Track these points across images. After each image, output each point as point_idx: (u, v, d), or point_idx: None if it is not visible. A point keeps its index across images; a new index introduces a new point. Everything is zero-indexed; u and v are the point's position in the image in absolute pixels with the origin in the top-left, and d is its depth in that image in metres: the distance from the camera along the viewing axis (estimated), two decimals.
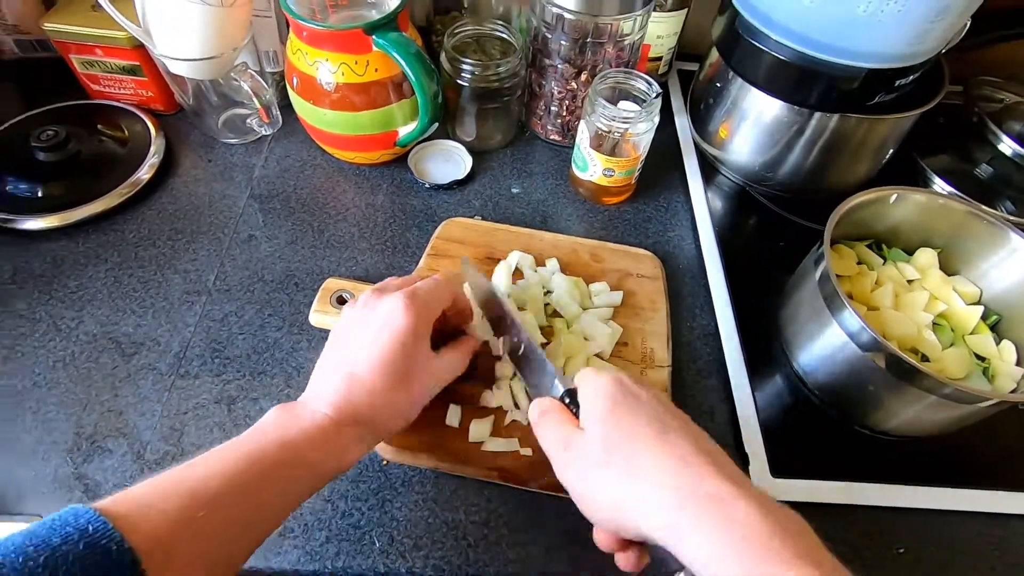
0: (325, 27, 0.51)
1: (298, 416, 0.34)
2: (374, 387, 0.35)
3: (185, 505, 0.28)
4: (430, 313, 0.38)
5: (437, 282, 0.40)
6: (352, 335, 0.38)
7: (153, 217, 0.57)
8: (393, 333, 0.36)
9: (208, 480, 0.29)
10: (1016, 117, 0.62)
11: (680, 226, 0.61)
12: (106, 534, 0.24)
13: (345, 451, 0.35)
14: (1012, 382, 0.45)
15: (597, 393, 0.33)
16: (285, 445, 0.32)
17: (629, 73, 0.56)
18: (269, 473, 0.31)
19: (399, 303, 0.37)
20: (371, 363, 0.36)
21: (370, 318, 0.37)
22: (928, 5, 0.43)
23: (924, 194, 0.50)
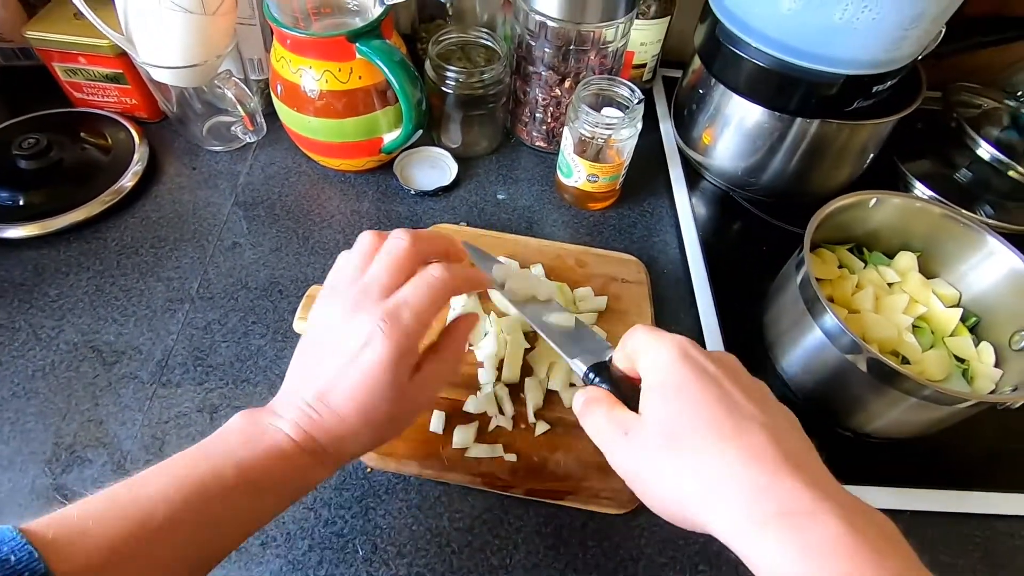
0: (308, 35, 0.51)
1: (262, 433, 0.31)
2: (346, 421, 0.32)
3: (128, 533, 0.25)
4: (414, 333, 0.33)
5: (430, 288, 0.33)
6: (323, 350, 0.33)
7: (136, 225, 0.57)
8: (369, 366, 0.31)
9: (156, 504, 0.27)
10: (994, 122, 0.63)
11: (664, 231, 0.62)
12: (29, 565, 0.22)
13: (306, 476, 0.32)
14: (991, 383, 0.45)
15: (659, 365, 0.29)
16: (243, 468, 0.29)
17: (612, 80, 0.56)
18: (224, 498, 0.28)
19: (377, 331, 0.31)
20: (342, 394, 0.32)
21: (344, 340, 0.32)
22: (902, 13, 0.44)
23: (902, 198, 0.51)
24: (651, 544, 0.42)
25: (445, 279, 0.34)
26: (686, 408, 0.28)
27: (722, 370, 0.29)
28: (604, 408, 0.31)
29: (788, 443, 0.26)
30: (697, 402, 0.28)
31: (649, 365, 0.30)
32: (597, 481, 0.42)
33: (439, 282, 0.34)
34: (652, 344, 0.30)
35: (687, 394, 0.28)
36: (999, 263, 0.47)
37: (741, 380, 0.29)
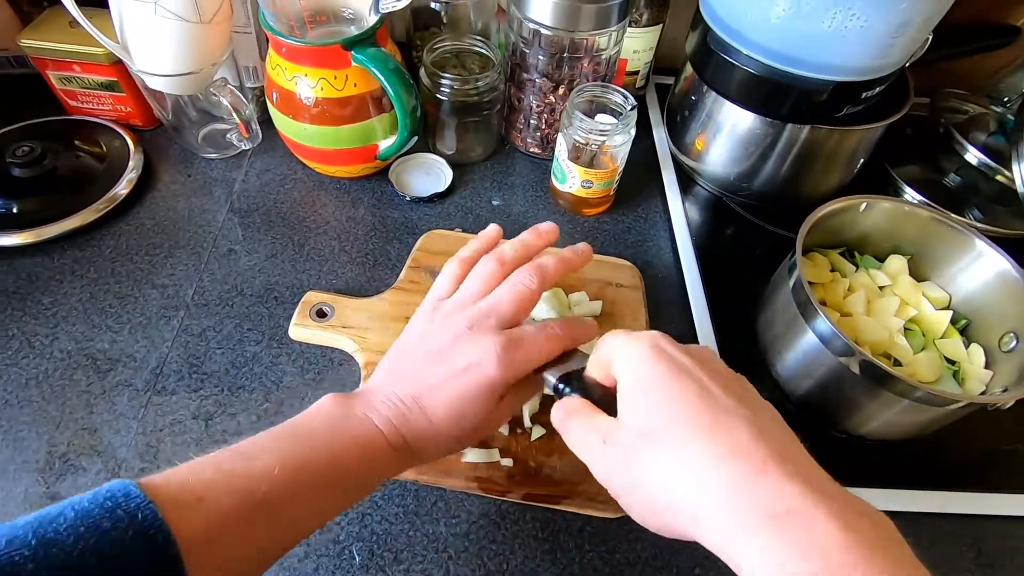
0: (304, 43, 0.51)
1: (351, 420, 0.32)
2: (435, 425, 0.33)
3: (236, 505, 0.26)
4: (520, 372, 0.33)
5: (548, 340, 0.34)
6: (433, 358, 0.34)
7: (131, 232, 0.56)
8: (474, 383, 0.32)
9: (259, 481, 0.27)
10: (981, 128, 0.64)
11: (658, 236, 0.62)
12: (154, 525, 0.23)
13: (386, 470, 0.33)
14: (981, 384, 0.46)
15: (631, 363, 0.28)
16: (334, 455, 0.30)
17: (606, 87, 0.57)
18: (315, 483, 0.29)
19: (492, 352, 0.32)
20: (439, 401, 0.33)
21: (459, 352, 0.33)
22: (889, 21, 0.45)
23: (892, 202, 0.51)
24: (648, 548, 0.42)
25: (562, 337, 0.35)
26: (663, 403, 0.26)
27: (697, 363, 0.28)
28: (583, 418, 0.30)
29: (773, 437, 0.25)
30: (673, 396, 0.26)
31: (622, 365, 0.29)
32: (593, 485, 0.42)
33: (557, 339, 0.35)
34: (623, 344, 0.29)
35: (662, 388, 0.27)
36: (987, 266, 0.48)
37: (719, 373, 0.28)
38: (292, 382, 0.48)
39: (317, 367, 0.49)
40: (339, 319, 0.50)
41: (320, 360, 0.49)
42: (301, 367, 0.49)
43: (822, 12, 0.45)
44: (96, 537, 0.22)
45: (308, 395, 0.47)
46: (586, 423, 0.30)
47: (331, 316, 0.50)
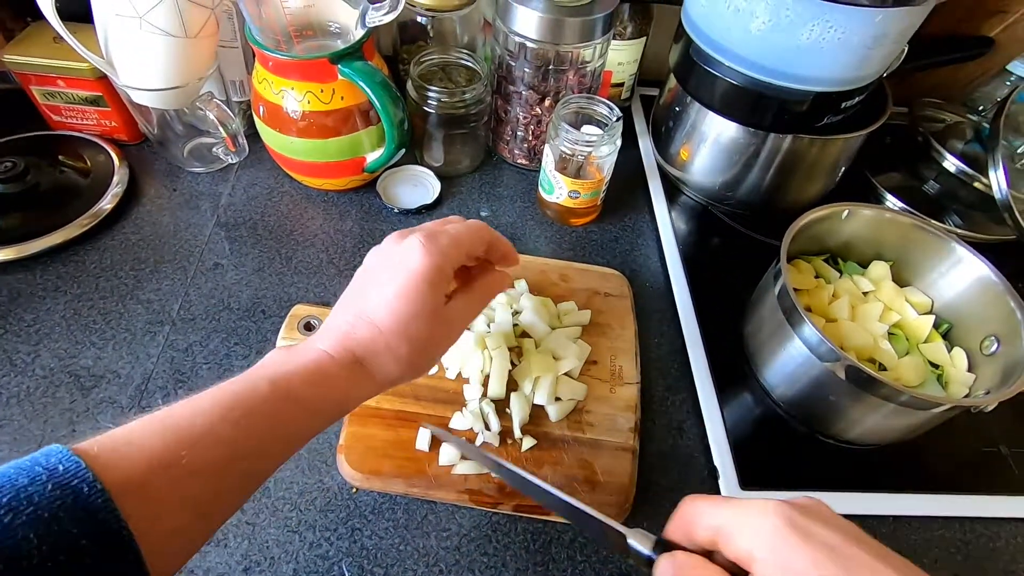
0: (291, 57, 0.51)
1: (296, 352, 0.32)
2: (379, 327, 0.33)
3: (167, 443, 0.26)
4: (450, 258, 0.35)
5: (467, 224, 0.37)
6: (366, 277, 0.36)
7: (116, 247, 0.56)
8: (407, 275, 0.33)
9: (194, 418, 0.27)
10: (958, 136, 0.66)
11: (646, 245, 0.63)
12: (77, 474, 0.22)
13: (343, 390, 0.32)
14: (964, 388, 0.47)
15: (767, 542, 0.24)
16: (276, 382, 0.30)
17: (591, 98, 0.58)
18: (258, 410, 0.29)
19: (416, 244, 0.34)
20: (379, 303, 0.34)
21: (386, 260, 0.35)
22: (865, 33, 0.46)
23: (874, 209, 0.52)
24: None
25: (483, 226, 0.38)
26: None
27: (837, 534, 0.25)
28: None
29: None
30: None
31: (754, 546, 0.25)
32: (584, 495, 0.42)
33: (477, 225, 0.38)
34: (743, 520, 0.26)
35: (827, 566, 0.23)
36: (967, 271, 0.49)
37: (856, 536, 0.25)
38: None
39: None
40: None
41: None
42: None
43: (800, 25, 0.46)
44: (11, 495, 0.21)
45: None
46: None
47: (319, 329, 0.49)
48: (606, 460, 0.44)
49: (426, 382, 0.47)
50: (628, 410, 0.47)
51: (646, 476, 0.45)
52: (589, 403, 0.47)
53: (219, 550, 0.39)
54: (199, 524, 0.27)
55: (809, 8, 0.45)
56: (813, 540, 0.24)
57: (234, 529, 0.40)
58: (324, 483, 0.43)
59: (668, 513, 0.44)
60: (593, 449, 0.45)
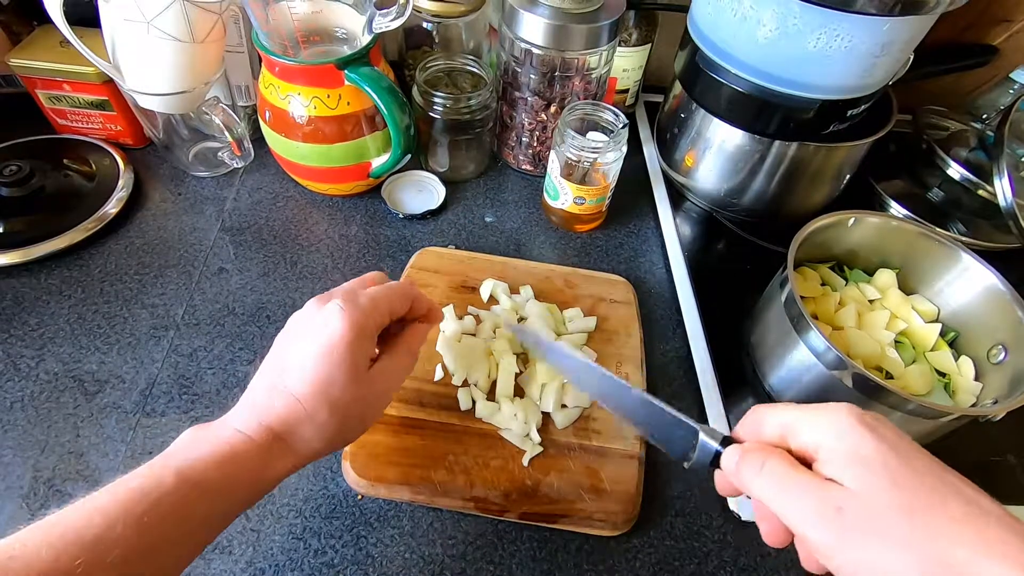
0: (297, 62, 0.51)
1: (207, 435, 0.31)
2: (297, 397, 0.32)
3: (59, 553, 0.24)
4: (371, 319, 0.34)
5: (389, 286, 0.37)
6: (285, 343, 0.35)
7: (120, 252, 0.56)
8: (326, 339, 0.32)
9: (90, 519, 0.25)
10: (962, 144, 0.66)
11: (651, 252, 0.63)
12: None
13: (258, 471, 0.31)
14: (972, 397, 0.46)
15: (839, 432, 0.26)
16: (183, 471, 0.28)
17: (597, 105, 0.58)
18: (164, 503, 0.27)
19: (335, 310, 0.33)
20: (296, 371, 0.32)
21: (305, 326, 0.34)
22: (872, 41, 0.46)
23: (880, 217, 0.52)
24: (646, 566, 0.41)
25: (405, 285, 0.38)
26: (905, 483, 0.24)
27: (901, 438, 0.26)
28: (784, 466, 0.26)
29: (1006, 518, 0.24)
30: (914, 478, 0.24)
31: (824, 436, 0.26)
32: (590, 503, 0.42)
33: (399, 285, 0.38)
34: (815, 415, 0.27)
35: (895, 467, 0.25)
36: (974, 279, 0.49)
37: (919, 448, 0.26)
38: None
39: None
40: None
41: None
42: None
43: (808, 33, 0.46)
44: None
45: None
46: (802, 481, 0.26)
47: None
48: (613, 468, 0.44)
49: (432, 388, 0.47)
50: None
51: (653, 484, 0.45)
52: (595, 410, 0.47)
53: (223, 557, 0.39)
54: None
55: (816, 16, 0.45)
56: (879, 434, 0.25)
57: (239, 536, 0.40)
58: (329, 490, 0.43)
59: (676, 520, 0.44)
60: (599, 457, 0.45)
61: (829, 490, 0.25)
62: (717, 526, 0.44)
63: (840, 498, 0.25)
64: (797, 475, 0.26)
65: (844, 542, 0.24)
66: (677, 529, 0.43)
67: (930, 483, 0.25)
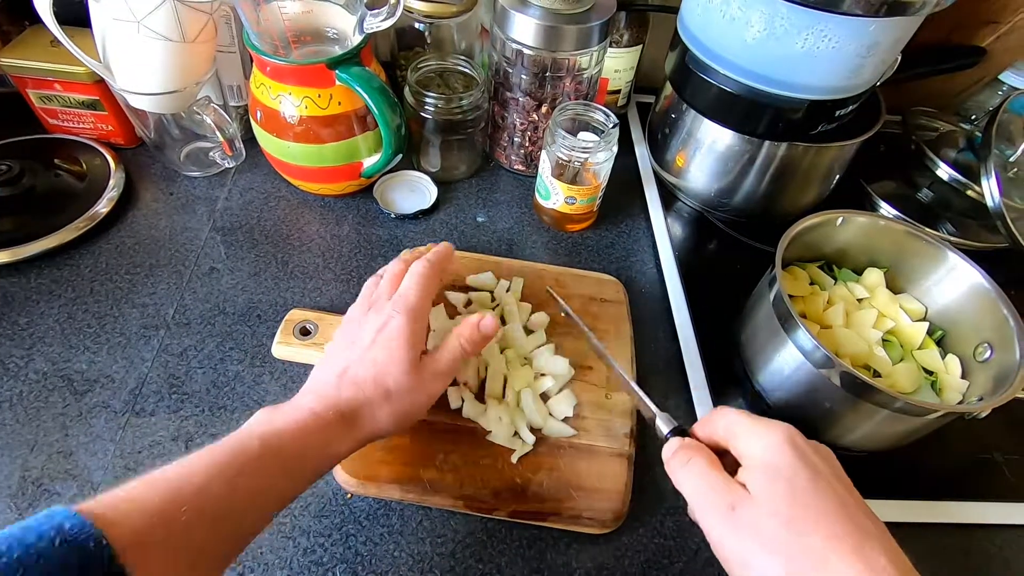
0: (288, 62, 0.51)
1: (281, 412, 0.35)
2: (361, 387, 0.37)
3: (167, 500, 0.28)
4: (422, 311, 0.40)
5: (422, 276, 0.42)
6: (347, 341, 0.40)
7: (111, 251, 0.56)
8: (388, 340, 0.38)
9: (191, 476, 0.29)
10: (950, 145, 0.67)
11: (642, 251, 0.63)
12: (83, 530, 0.24)
13: (328, 444, 0.35)
14: (958, 394, 0.47)
15: (766, 446, 0.30)
16: (265, 439, 0.32)
17: (588, 105, 0.58)
18: (250, 467, 0.31)
19: (389, 311, 0.39)
20: (363, 365, 0.37)
21: (365, 327, 0.39)
22: (859, 42, 0.46)
23: (868, 217, 0.52)
24: (635, 564, 0.42)
25: (426, 266, 0.43)
26: (806, 503, 0.28)
27: (828, 467, 0.30)
28: (710, 473, 0.31)
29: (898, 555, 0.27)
30: (813, 499, 0.28)
31: (752, 446, 0.30)
32: (579, 501, 0.42)
33: (424, 269, 0.42)
34: (754, 427, 0.31)
35: (800, 484, 0.28)
36: (961, 278, 0.49)
37: (841, 476, 0.30)
38: (275, 401, 0.46)
39: (300, 385, 0.47)
40: (323, 337, 0.49)
41: (303, 378, 0.48)
42: (284, 385, 0.48)
43: (795, 33, 0.47)
44: (20, 552, 0.22)
45: None
46: (715, 480, 0.30)
47: (315, 334, 0.49)
48: (602, 466, 0.44)
49: None
50: (624, 416, 0.47)
51: (642, 482, 0.45)
52: (585, 409, 0.47)
53: None
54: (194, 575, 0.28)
55: (803, 17, 0.46)
56: (801, 455, 0.29)
57: None
58: (318, 489, 0.43)
59: (664, 518, 0.44)
60: (589, 455, 0.45)
61: (731, 490, 0.29)
62: None
63: (737, 499, 0.29)
64: (710, 473, 0.31)
65: (728, 536, 0.29)
66: (666, 527, 0.43)
67: (825, 505, 0.28)
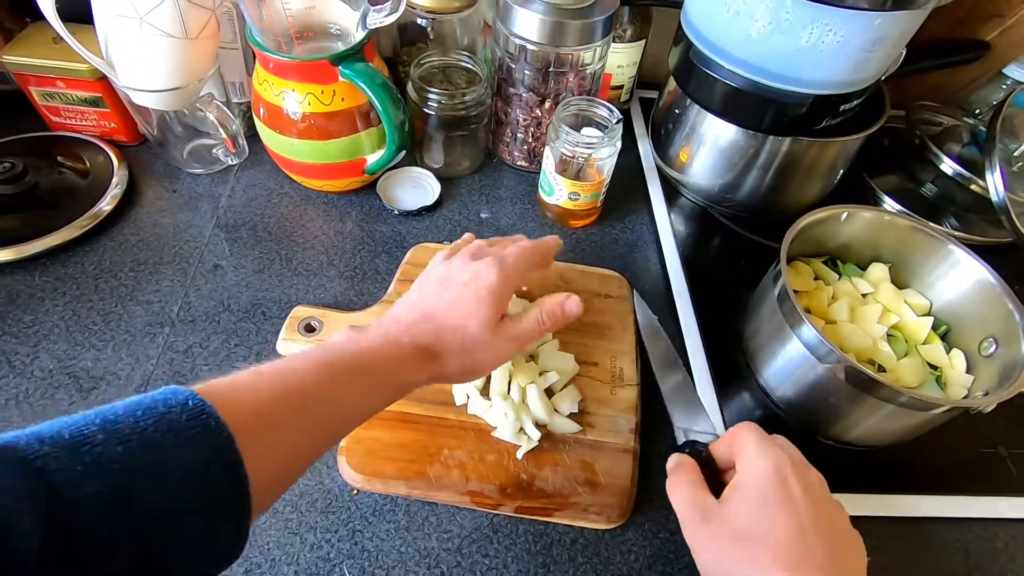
0: (292, 58, 0.51)
1: (368, 336, 0.36)
2: (442, 327, 0.37)
3: (276, 391, 0.29)
4: (516, 278, 0.40)
5: (525, 248, 0.42)
6: (436, 283, 0.40)
7: (115, 249, 0.56)
8: (476, 287, 0.38)
9: (294, 374, 0.31)
10: (954, 139, 0.66)
11: (645, 247, 0.63)
12: (204, 410, 0.25)
13: (406, 369, 0.35)
14: (963, 389, 0.47)
15: (754, 469, 0.33)
16: (358, 355, 0.34)
17: (591, 101, 0.58)
18: (343, 378, 0.33)
19: (488, 263, 0.39)
20: (445, 308, 0.38)
21: (458, 272, 0.39)
22: (864, 36, 0.46)
23: (872, 211, 0.52)
24: (640, 559, 0.42)
25: (532, 245, 0.43)
26: (762, 524, 0.31)
27: (808, 498, 0.31)
28: (689, 485, 0.34)
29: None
30: (772, 519, 0.31)
31: (746, 465, 0.33)
32: (586, 496, 0.43)
33: (529, 245, 0.43)
34: (756, 448, 0.33)
35: (769, 510, 0.31)
36: (965, 273, 0.49)
37: (821, 511, 0.32)
38: None
39: None
40: (328, 333, 0.49)
41: None
42: None
43: (800, 28, 0.46)
44: (155, 419, 0.24)
45: None
46: (694, 495, 0.34)
47: (320, 330, 0.49)
48: (607, 461, 0.44)
49: None
50: (629, 411, 0.47)
51: (647, 477, 0.45)
52: (590, 405, 0.47)
53: None
54: (293, 466, 0.31)
55: (808, 11, 0.45)
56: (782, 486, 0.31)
57: None
58: (325, 485, 0.43)
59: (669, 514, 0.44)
60: (594, 450, 0.45)
61: (705, 503, 0.33)
62: None
63: (709, 509, 0.33)
64: (691, 488, 0.34)
65: (697, 545, 0.33)
66: (672, 523, 0.44)
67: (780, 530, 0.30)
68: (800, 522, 0.30)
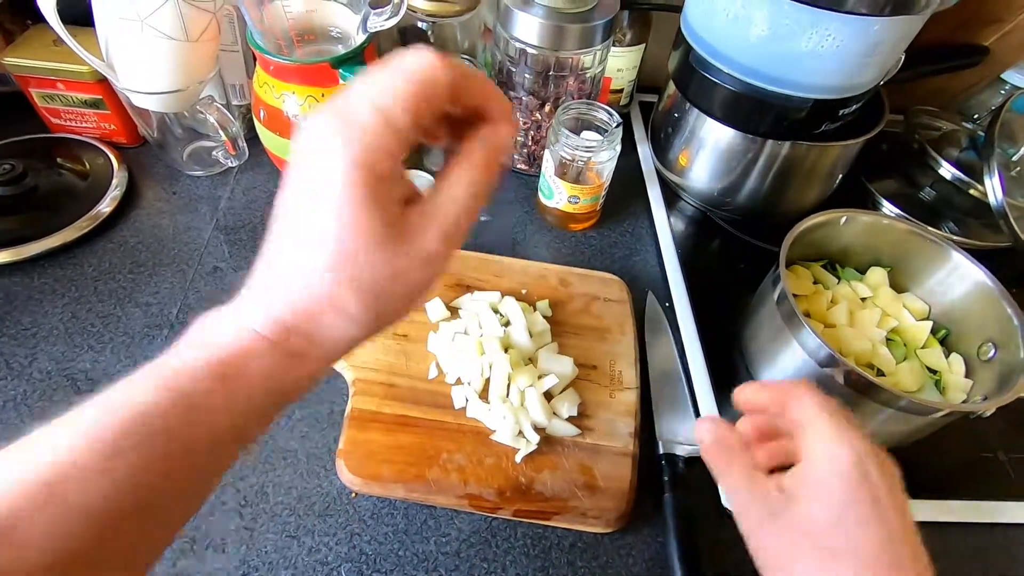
0: (292, 61, 0.51)
1: (205, 335, 0.23)
2: (310, 284, 0.22)
3: (42, 472, 0.19)
4: (383, 140, 0.21)
5: (404, 74, 0.21)
6: (284, 210, 0.23)
7: (114, 251, 0.56)
8: (329, 195, 0.21)
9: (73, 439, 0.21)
10: (953, 144, 0.66)
11: (645, 250, 0.63)
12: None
13: (277, 378, 0.23)
14: (962, 393, 0.47)
15: (833, 464, 0.28)
16: (174, 391, 0.22)
17: (591, 104, 0.58)
18: (161, 428, 0.21)
19: (329, 141, 0.21)
20: (303, 248, 0.22)
21: (300, 180, 0.22)
22: (863, 41, 0.46)
23: (871, 216, 0.52)
24: (639, 563, 0.42)
25: (425, 63, 0.22)
26: (846, 534, 0.27)
27: (894, 500, 0.28)
28: (743, 470, 0.30)
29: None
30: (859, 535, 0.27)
31: (818, 454, 0.28)
32: (584, 500, 0.42)
33: (414, 66, 0.22)
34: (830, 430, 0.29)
35: (852, 518, 0.27)
36: (964, 277, 0.49)
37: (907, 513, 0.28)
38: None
39: None
40: None
41: None
42: None
43: (799, 33, 0.47)
44: None
45: (295, 412, 0.46)
46: (751, 485, 0.30)
47: None
48: (606, 465, 0.44)
49: (426, 386, 0.47)
50: (628, 415, 0.47)
51: (646, 481, 0.45)
52: (589, 408, 0.47)
53: (217, 555, 0.39)
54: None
55: (807, 16, 0.45)
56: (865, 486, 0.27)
57: (232, 534, 0.40)
58: (323, 488, 0.43)
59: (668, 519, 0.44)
60: (593, 454, 0.45)
61: (771, 498, 0.29)
62: (710, 523, 0.44)
63: (777, 508, 0.28)
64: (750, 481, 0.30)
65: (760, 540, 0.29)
66: None
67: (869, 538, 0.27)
68: (890, 531, 0.27)
